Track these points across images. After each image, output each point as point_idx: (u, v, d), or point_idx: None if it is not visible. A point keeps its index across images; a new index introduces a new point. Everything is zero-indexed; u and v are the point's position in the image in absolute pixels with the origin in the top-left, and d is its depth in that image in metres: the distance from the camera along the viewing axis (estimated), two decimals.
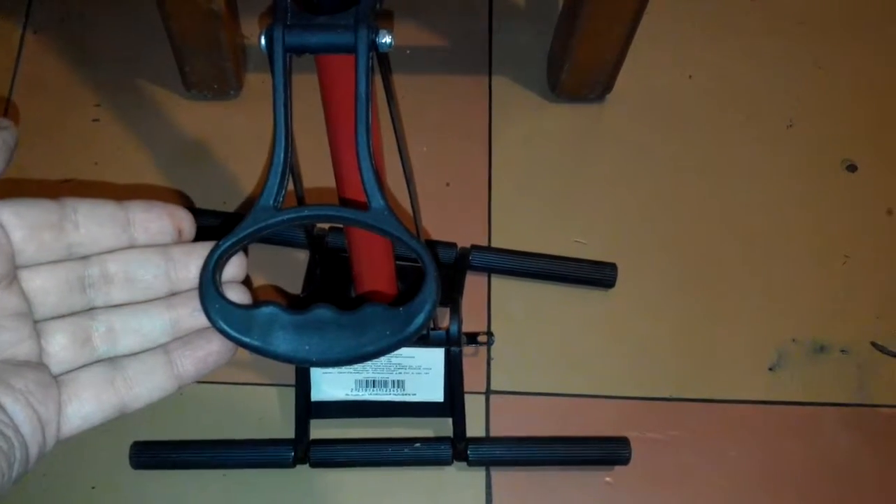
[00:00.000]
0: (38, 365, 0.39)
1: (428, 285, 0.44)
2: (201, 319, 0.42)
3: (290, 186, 0.49)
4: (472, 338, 0.94)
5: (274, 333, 0.43)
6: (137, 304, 0.42)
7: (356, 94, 0.48)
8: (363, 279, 0.79)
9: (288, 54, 0.49)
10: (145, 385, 0.41)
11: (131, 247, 0.42)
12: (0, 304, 0.38)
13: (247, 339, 0.43)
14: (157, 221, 0.42)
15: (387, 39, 0.50)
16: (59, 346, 0.40)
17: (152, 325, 0.42)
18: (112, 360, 0.41)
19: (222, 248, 0.44)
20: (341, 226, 0.91)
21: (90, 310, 0.41)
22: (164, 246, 0.43)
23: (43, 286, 0.40)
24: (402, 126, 0.63)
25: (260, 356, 0.43)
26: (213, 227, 0.96)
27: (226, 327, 0.43)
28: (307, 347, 0.43)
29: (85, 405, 0.40)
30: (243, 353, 0.44)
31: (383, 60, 0.56)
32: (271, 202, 0.46)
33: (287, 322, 0.43)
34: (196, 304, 0.42)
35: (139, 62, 1.08)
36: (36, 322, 0.40)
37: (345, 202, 0.66)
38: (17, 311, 0.38)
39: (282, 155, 0.47)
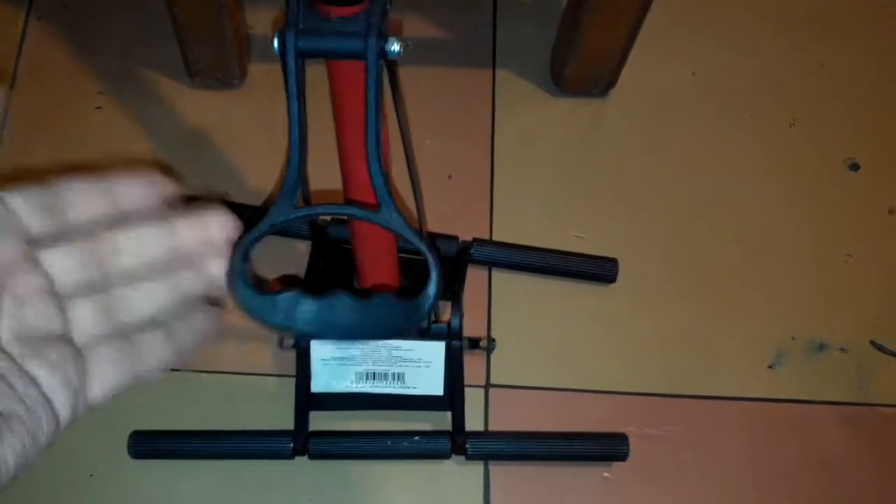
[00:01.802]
0: (66, 338, 0.41)
1: (432, 281, 0.50)
2: (205, 286, 0.45)
3: None
4: (473, 342, 0.94)
5: (296, 314, 0.49)
6: (145, 275, 0.44)
7: (366, 102, 0.51)
8: (367, 274, 0.79)
9: (300, 58, 0.51)
10: (155, 355, 0.43)
11: (129, 220, 0.43)
12: (27, 282, 0.40)
13: (273, 320, 0.49)
14: (142, 191, 0.44)
15: (395, 47, 0.52)
16: (82, 320, 0.42)
17: (160, 296, 0.44)
18: (125, 332, 0.43)
19: (248, 241, 0.48)
20: (346, 218, 0.91)
21: (103, 284, 0.43)
22: (166, 217, 0.44)
23: (60, 266, 0.41)
24: (409, 133, 0.64)
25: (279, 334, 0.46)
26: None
27: (254, 311, 0.48)
28: (325, 326, 0.49)
29: (106, 375, 0.42)
30: (244, 344, 0.44)
31: (392, 66, 0.57)
32: (289, 200, 0.50)
33: (308, 303, 0.49)
34: (199, 271, 0.44)
35: (143, 50, 1.08)
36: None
37: (350, 200, 0.67)
38: (43, 288, 0.40)
39: (297, 156, 0.51)
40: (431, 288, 0.49)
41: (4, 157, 1.03)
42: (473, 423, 0.91)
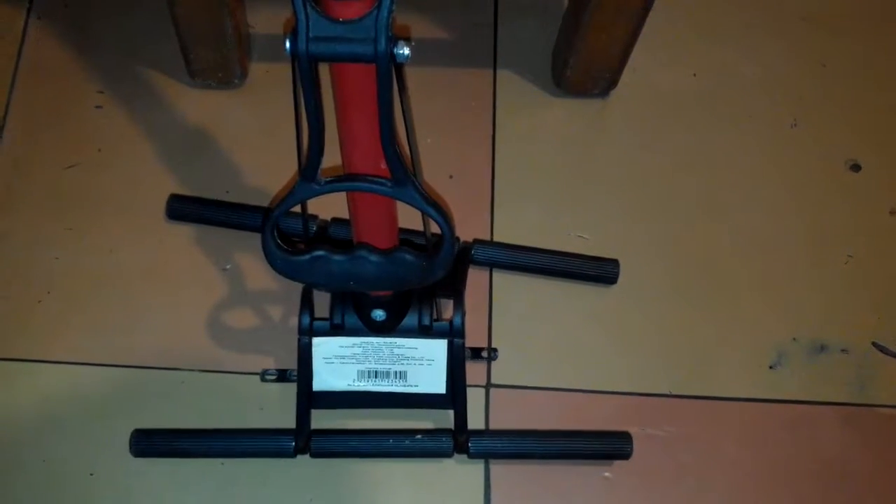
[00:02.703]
0: None
1: (446, 241, 0.61)
2: None
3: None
4: (476, 353, 0.94)
5: (323, 270, 0.59)
6: None
7: (379, 104, 0.54)
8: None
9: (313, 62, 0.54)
10: None
11: None
12: None
13: (303, 277, 0.60)
14: None
15: (405, 51, 0.53)
16: None
17: None
18: None
19: (276, 215, 0.58)
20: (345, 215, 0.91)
21: None
22: None
23: None
24: (415, 136, 0.64)
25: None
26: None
27: (285, 271, 0.59)
28: (349, 279, 0.60)
29: None
30: (245, 343, 0.44)
31: (399, 68, 0.58)
32: (311, 180, 0.58)
33: (333, 261, 0.59)
34: None
35: (143, 49, 1.08)
36: None
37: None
38: None
39: (317, 143, 0.56)
40: (447, 247, 0.59)
41: (4, 156, 1.02)
42: (474, 423, 0.91)
